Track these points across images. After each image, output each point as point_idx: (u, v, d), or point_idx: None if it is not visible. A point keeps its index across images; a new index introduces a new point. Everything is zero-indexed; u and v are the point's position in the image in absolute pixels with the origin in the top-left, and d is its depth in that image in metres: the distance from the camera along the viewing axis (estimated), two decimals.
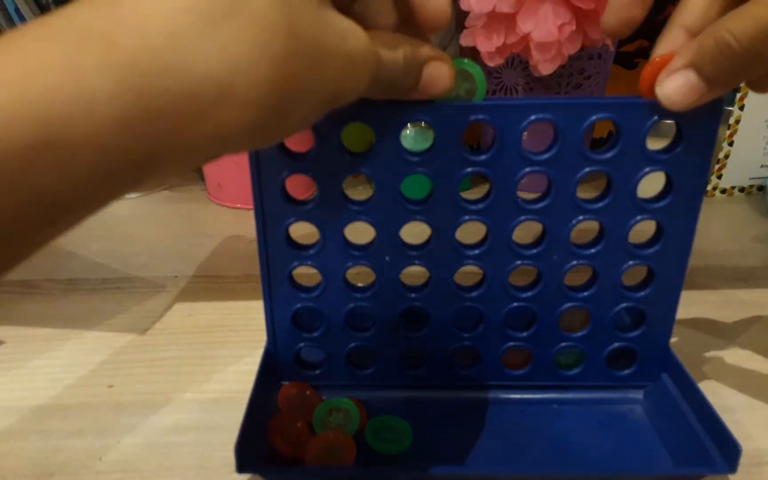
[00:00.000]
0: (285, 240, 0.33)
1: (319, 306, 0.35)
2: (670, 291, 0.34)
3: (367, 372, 0.37)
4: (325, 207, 0.32)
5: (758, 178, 0.67)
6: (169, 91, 0.17)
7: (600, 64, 0.61)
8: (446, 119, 0.30)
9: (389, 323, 0.35)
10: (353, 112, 0.29)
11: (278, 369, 0.36)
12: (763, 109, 0.63)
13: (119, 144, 0.16)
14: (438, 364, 0.36)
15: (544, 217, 0.32)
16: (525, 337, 0.35)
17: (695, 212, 0.32)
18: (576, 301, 0.34)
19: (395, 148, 0.30)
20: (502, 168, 0.31)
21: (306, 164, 0.31)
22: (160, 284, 0.50)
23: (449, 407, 0.36)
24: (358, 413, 0.34)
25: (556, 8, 0.51)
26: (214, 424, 0.35)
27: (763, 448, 0.33)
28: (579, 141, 0.30)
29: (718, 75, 0.25)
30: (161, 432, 0.35)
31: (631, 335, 0.35)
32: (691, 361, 0.40)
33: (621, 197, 0.31)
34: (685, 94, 0.26)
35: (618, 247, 0.33)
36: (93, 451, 0.33)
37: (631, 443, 0.34)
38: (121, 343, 0.42)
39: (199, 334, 0.44)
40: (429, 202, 0.32)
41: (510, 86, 0.62)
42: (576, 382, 0.37)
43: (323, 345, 0.36)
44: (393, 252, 0.33)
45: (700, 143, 0.30)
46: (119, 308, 0.47)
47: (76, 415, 0.36)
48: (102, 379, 0.39)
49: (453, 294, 0.34)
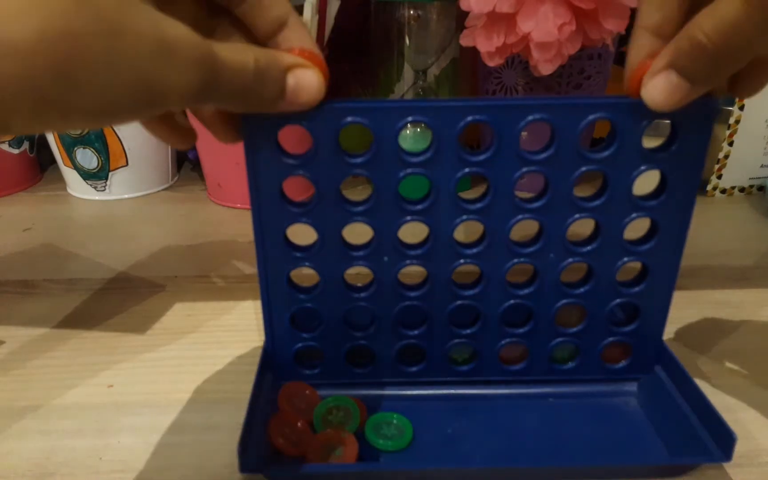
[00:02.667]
0: (283, 241, 0.33)
1: (318, 306, 0.35)
2: (664, 286, 0.34)
3: (366, 370, 0.37)
4: (323, 208, 0.32)
5: (758, 178, 0.67)
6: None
7: (600, 64, 0.61)
8: (444, 120, 0.30)
9: (388, 322, 0.35)
10: (350, 113, 0.29)
11: (277, 369, 0.37)
12: (763, 109, 0.63)
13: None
14: (436, 361, 0.37)
15: (541, 216, 0.32)
16: (522, 333, 0.36)
17: (689, 209, 0.32)
18: (572, 297, 0.35)
19: (394, 149, 0.30)
20: (499, 168, 0.31)
21: (304, 165, 0.31)
22: (160, 284, 0.50)
23: (448, 403, 0.37)
24: (358, 410, 0.35)
25: (556, 8, 0.51)
26: (213, 424, 0.35)
27: (763, 447, 0.33)
28: (576, 140, 0.30)
29: (697, 73, 0.25)
30: (161, 432, 0.35)
31: (626, 329, 0.36)
32: (691, 361, 0.40)
33: (616, 195, 0.32)
34: (668, 95, 0.27)
35: (613, 244, 0.33)
36: (93, 451, 0.33)
37: (626, 434, 0.34)
38: (121, 343, 0.43)
39: (199, 334, 0.44)
40: (427, 202, 0.32)
41: (510, 86, 0.62)
42: (571, 375, 0.37)
43: (322, 344, 0.36)
44: (391, 252, 0.33)
45: (694, 142, 0.30)
46: (119, 308, 0.47)
47: (76, 415, 0.36)
48: (102, 379, 0.39)
49: (451, 292, 0.34)
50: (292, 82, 0.27)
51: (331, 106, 0.29)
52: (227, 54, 0.23)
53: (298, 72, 0.27)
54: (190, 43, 0.22)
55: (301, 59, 0.27)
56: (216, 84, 0.23)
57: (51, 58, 0.18)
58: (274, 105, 0.27)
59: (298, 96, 0.27)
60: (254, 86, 0.25)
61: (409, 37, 0.63)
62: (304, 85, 0.27)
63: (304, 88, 0.27)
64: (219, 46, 0.23)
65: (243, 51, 0.25)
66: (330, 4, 0.58)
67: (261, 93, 0.26)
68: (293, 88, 0.27)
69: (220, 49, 0.23)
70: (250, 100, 0.26)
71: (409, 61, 0.64)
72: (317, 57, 0.28)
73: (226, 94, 0.24)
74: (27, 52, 0.18)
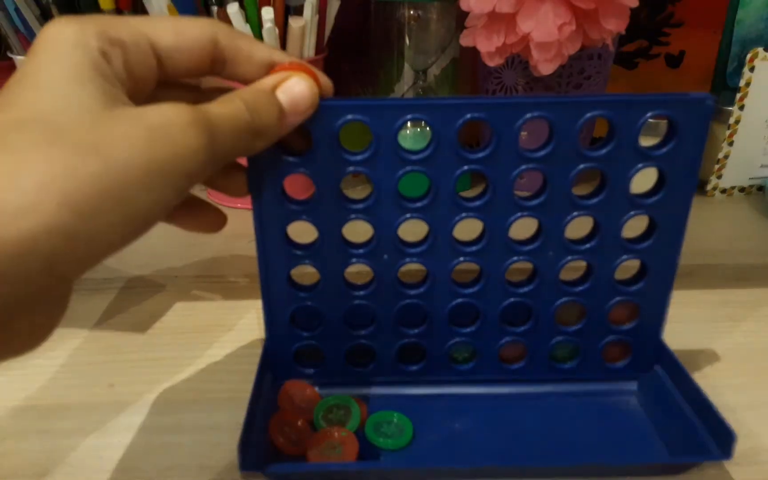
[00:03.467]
0: (283, 240, 0.33)
1: (318, 305, 0.35)
2: (663, 284, 0.34)
3: (366, 369, 0.37)
4: (323, 206, 0.32)
5: (758, 178, 0.67)
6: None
7: (600, 64, 0.61)
8: (443, 118, 0.30)
9: (388, 320, 0.35)
10: (350, 111, 0.30)
11: (277, 367, 0.37)
12: (762, 109, 0.63)
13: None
14: (436, 360, 0.37)
15: (539, 214, 0.32)
16: (521, 332, 0.36)
17: (687, 207, 0.32)
18: (571, 295, 0.35)
19: (393, 147, 0.31)
20: (498, 166, 0.31)
21: (304, 163, 0.31)
22: (159, 283, 0.50)
23: (448, 402, 0.37)
24: (359, 409, 0.35)
25: (556, 8, 0.51)
26: (214, 423, 0.35)
27: (763, 445, 0.33)
28: (574, 138, 0.30)
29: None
30: (162, 431, 0.35)
31: (625, 328, 0.36)
32: (691, 360, 0.40)
33: (615, 193, 0.32)
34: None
35: (612, 242, 0.33)
36: (93, 450, 0.33)
37: (626, 433, 0.34)
38: (122, 343, 0.42)
39: (199, 333, 0.43)
40: (426, 200, 0.32)
41: (510, 86, 0.62)
42: (571, 375, 0.37)
43: (322, 343, 0.36)
44: (391, 250, 0.33)
45: (691, 139, 0.30)
46: (119, 308, 0.47)
47: (77, 414, 0.36)
48: (102, 379, 0.39)
49: (450, 290, 0.34)
50: (284, 98, 0.27)
51: (331, 105, 0.29)
52: (216, 108, 0.24)
53: (285, 86, 0.27)
54: (177, 113, 0.22)
55: (281, 74, 0.27)
56: (217, 140, 0.23)
57: (45, 253, 0.19)
58: (280, 127, 0.27)
59: (297, 106, 0.27)
60: (253, 123, 0.25)
61: (409, 37, 0.63)
62: (296, 94, 0.27)
63: (298, 97, 0.27)
64: (205, 106, 0.24)
65: (228, 98, 0.25)
66: (330, 4, 0.58)
67: (262, 124, 0.26)
68: (288, 102, 0.27)
69: (207, 108, 0.24)
70: (256, 138, 0.26)
71: (409, 61, 0.64)
72: (298, 65, 0.28)
73: (231, 146, 0.25)
74: (21, 254, 0.18)
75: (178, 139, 0.22)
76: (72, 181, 0.19)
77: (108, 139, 0.20)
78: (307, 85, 0.28)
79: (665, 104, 0.30)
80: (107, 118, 0.21)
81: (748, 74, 0.61)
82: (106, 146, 0.20)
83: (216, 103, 0.24)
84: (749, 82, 0.61)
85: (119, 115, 0.21)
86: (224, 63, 0.27)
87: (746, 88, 0.61)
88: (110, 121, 0.21)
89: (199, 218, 0.31)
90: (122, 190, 0.20)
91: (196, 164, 0.22)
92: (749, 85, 0.61)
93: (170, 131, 0.21)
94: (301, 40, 0.55)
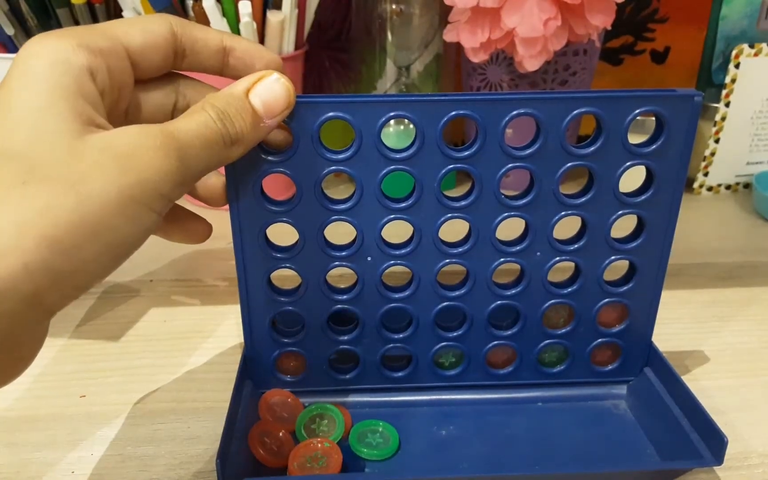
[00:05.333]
0: (263, 242, 0.32)
1: (299, 309, 0.34)
2: (652, 285, 0.34)
3: (349, 376, 0.36)
4: (304, 206, 0.31)
5: (744, 176, 0.67)
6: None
7: (585, 60, 0.60)
8: (427, 115, 0.29)
9: (372, 325, 0.35)
10: (331, 108, 0.29)
11: (257, 375, 0.36)
12: (748, 106, 0.63)
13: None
14: (422, 366, 0.36)
15: (527, 213, 0.32)
16: (509, 335, 0.35)
17: (676, 205, 0.32)
18: (559, 297, 0.34)
19: (376, 145, 0.30)
20: (484, 163, 0.31)
21: (284, 162, 0.30)
22: (134, 289, 0.49)
23: (434, 409, 0.36)
24: (343, 419, 0.34)
25: (541, 3, 0.50)
26: (191, 434, 0.34)
27: (753, 449, 0.33)
28: (561, 135, 0.30)
29: None
30: (136, 443, 0.34)
31: (614, 330, 0.35)
32: (680, 361, 0.40)
33: (603, 192, 0.32)
34: None
35: (600, 242, 0.33)
36: (65, 464, 0.32)
37: (616, 439, 0.34)
38: (94, 351, 0.41)
39: (175, 340, 0.42)
40: (411, 200, 0.31)
41: (495, 83, 0.61)
42: (560, 378, 0.37)
43: (304, 350, 0.35)
44: (375, 252, 0.33)
45: (680, 137, 0.30)
46: (91, 314, 0.45)
47: (47, 426, 0.35)
48: (74, 389, 0.38)
49: (436, 293, 0.34)
50: (257, 102, 0.26)
51: (312, 101, 0.29)
52: (185, 123, 0.24)
53: (257, 88, 0.26)
54: (143, 133, 0.22)
55: (254, 75, 0.27)
56: (189, 157, 0.23)
57: (28, 291, 0.20)
58: (254, 134, 0.26)
59: (272, 110, 0.27)
60: (226, 132, 0.25)
61: (391, 33, 0.62)
62: (269, 96, 0.26)
63: (272, 100, 0.27)
64: (174, 123, 0.23)
65: (197, 109, 0.25)
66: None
67: (235, 132, 0.25)
68: (262, 105, 0.26)
69: (176, 125, 0.23)
70: (231, 147, 0.25)
71: (392, 57, 0.63)
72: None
73: (204, 160, 0.24)
74: (3, 292, 0.19)
75: (148, 164, 0.22)
76: (49, 218, 0.19)
77: (81, 171, 0.21)
78: (283, 87, 0.27)
79: (653, 100, 0.30)
80: (79, 149, 0.21)
81: (734, 71, 0.60)
82: (79, 179, 0.20)
83: (185, 116, 0.24)
84: (735, 79, 0.61)
85: (91, 145, 0.21)
86: (184, 54, 0.27)
87: (732, 85, 0.61)
88: (82, 152, 0.21)
89: (183, 229, 0.31)
90: (99, 221, 0.21)
91: (169, 185, 0.23)
92: (735, 82, 0.61)
93: (140, 157, 0.22)
94: (280, 35, 0.54)
